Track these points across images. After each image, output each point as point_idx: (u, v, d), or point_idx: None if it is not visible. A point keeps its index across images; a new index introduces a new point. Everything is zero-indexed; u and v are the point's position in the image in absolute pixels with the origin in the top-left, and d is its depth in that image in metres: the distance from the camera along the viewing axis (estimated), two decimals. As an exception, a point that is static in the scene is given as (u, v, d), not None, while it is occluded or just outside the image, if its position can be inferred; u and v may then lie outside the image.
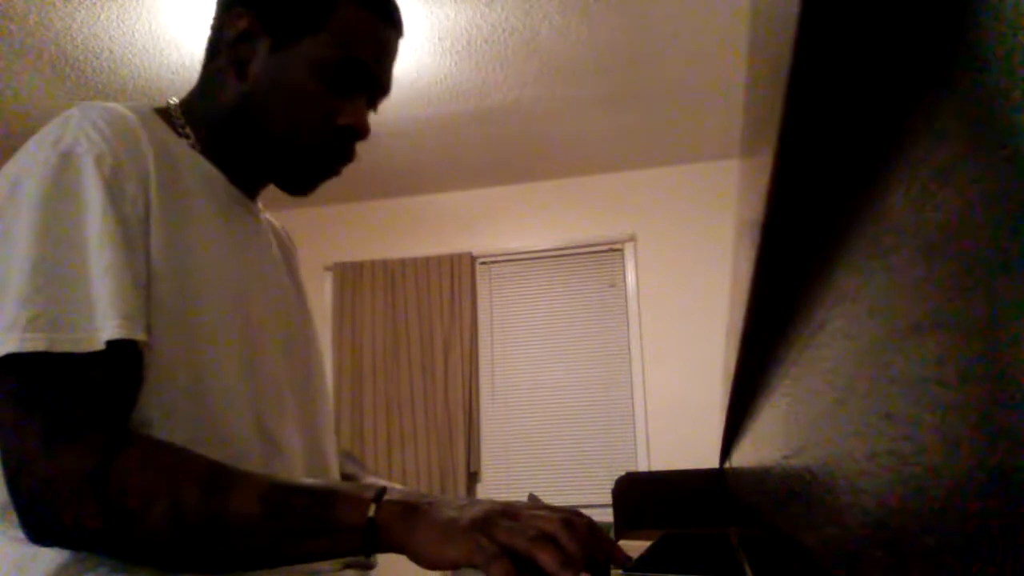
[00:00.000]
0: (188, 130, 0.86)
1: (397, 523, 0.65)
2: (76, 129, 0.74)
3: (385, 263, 4.50)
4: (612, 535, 1.56)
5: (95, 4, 2.82)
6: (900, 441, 0.27)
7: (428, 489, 4.17)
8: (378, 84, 0.89)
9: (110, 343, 0.68)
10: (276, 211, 0.98)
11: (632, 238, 4.32)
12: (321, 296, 4.50)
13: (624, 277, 4.31)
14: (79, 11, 2.86)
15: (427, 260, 4.44)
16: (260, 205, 0.96)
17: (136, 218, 0.73)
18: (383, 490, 0.67)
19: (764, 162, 0.35)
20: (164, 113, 0.86)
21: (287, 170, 0.88)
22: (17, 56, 3.09)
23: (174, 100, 0.89)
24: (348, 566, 0.85)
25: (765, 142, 0.35)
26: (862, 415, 0.33)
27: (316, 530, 0.66)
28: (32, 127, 3.62)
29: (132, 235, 0.72)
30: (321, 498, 0.67)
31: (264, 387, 0.83)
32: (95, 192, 0.71)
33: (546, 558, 0.59)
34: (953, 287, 0.22)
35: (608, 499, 2.29)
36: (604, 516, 1.72)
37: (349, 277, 4.52)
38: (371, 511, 0.65)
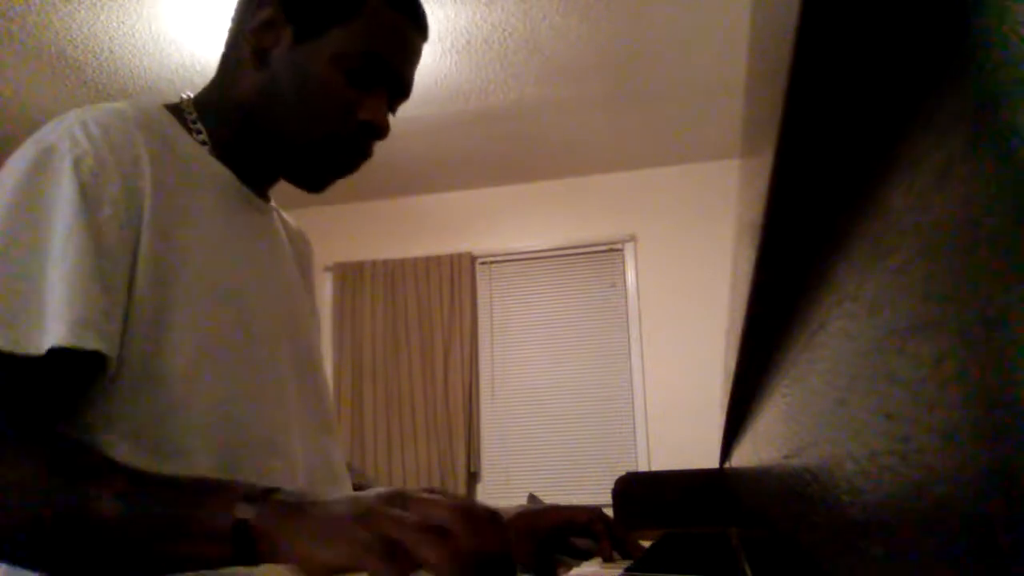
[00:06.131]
0: (200, 126, 0.85)
1: (275, 526, 0.55)
2: (64, 129, 0.73)
3: (385, 263, 4.50)
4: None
5: (95, 4, 2.82)
6: (900, 441, 0.27)
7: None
8: (400, 83, 0.88)
9: (54, 349, 0.65)
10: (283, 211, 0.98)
11: (632, 238, 4.32)
12: (321, 296, 4.50)
13: (624, 277, 4.32)
14: (79, 11, 2.86)
15: (427, 260, 4.45)
16: (273, 203, 0.96)
17: (116, 223, 0.71)
18: (268, 490, 0.58)
19: (764, 162, 0.35)
20: (175, 109, 0.85)
21: (303, 163, 0.87)
22: (17, 56, 3.10)
23: (187, 95, 0.87)
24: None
25: (765, 142, 0.35)
26: (862, 415, 0.33)
27: (179, 533, 0.58)
28: (32, 127, 3.62)
29: (106, 241, 0.70)
30: (188, 495, 0.60)
31: (265, 390, 0.82)
32: (67, 194, 0.69)
33: (431, 555, 0.50)
34: (953, 287, 0.22)
35: (608, 499, 2.29)
36: (604, 516, 1.72)
37: (349, 277, 4.52)
38: (242, 511, 0.56)
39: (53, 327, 0.65)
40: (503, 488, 4.24)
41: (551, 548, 1.01)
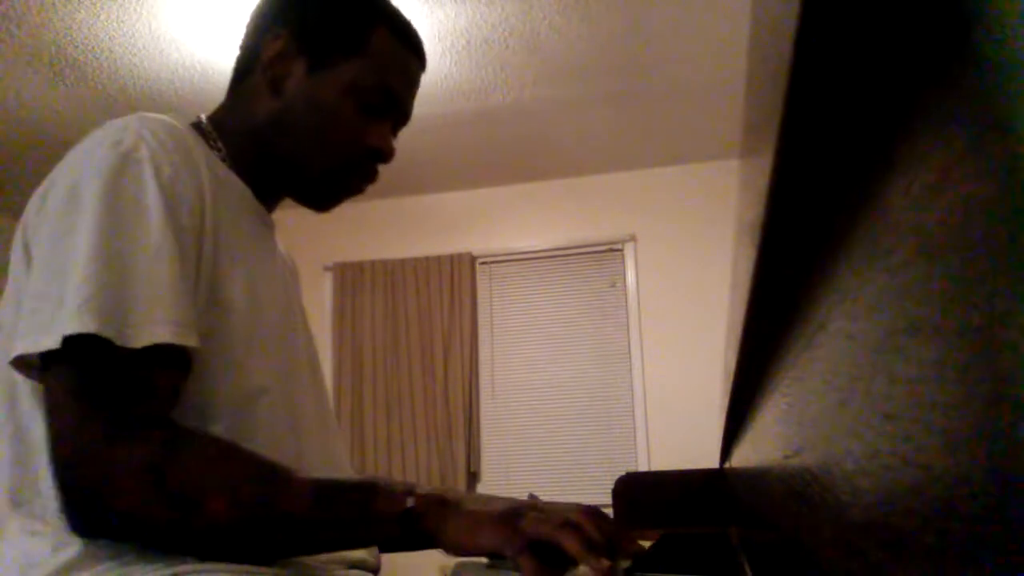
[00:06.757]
0: (220, 144, 0.88)
1: (431, 514, 0.71)
2: (136, 135, 0.75)
3: (385, 263, 4.50)
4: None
5: (95, 4, 2.82)
6: (900, 441, 0.27)
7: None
8: (403, 112, 0.95)
9: (160, 345, 0.69)
10: (276, 211, 0.98)
11: (632, 238, 4.32)
12: (321, 296, 4.50)
13: (624, 277, 4.31)
14: (79, 11, 2.86)
15: (427, 260, 4.44)
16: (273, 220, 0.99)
17: (192, 229, 0.75)
18: (415, 485, 0.74)
19: (764, 162, 0.35)
20: (197, 127, 0.89)
21: (314, 186, 0.92)
22: (17, 56, 3.09)
23: (203, 116, 0.91)
24: (352, 566, 0.85)
25: (765, 142, 0.35)
26: (862, 415, 0.33)
27: (360, 520, 0.73)
28: (32, 127, 3.58)
29: (186, 245, 0.74)
30: (364, 492, 0.74)
31: (295, 402, 0.86)
32: (154, 198, 0.73)
33: (571, 544, 0.64)
34: (953, 287, 0.22)
35: (608, 499, 2.29)
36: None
37: (349, 277, 4.51)
38: (409, 502, 0.71)
39: (158, 324, 0.70)
40: (503, 488, 4.23)
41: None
